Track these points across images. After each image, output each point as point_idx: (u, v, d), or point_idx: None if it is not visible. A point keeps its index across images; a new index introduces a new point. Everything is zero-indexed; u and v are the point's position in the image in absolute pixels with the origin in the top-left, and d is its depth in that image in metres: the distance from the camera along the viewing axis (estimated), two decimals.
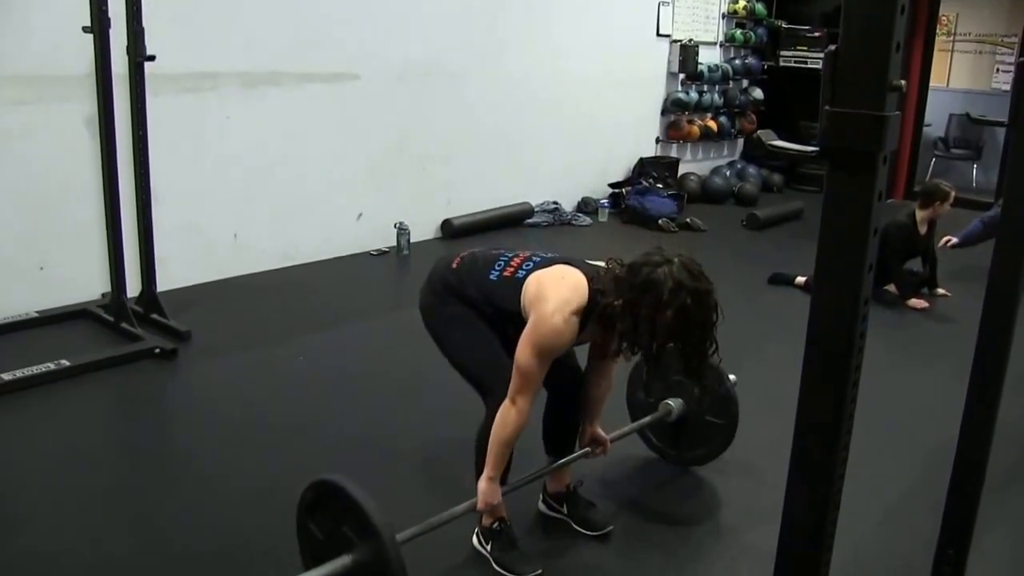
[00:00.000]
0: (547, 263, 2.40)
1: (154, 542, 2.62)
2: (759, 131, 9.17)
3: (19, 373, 3.55)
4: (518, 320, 2.33)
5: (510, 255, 2.48)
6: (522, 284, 2.36)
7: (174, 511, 2.79)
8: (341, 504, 2.04)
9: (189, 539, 2.64)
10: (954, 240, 5.63)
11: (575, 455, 2.69)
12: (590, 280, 2.29)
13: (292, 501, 2.22)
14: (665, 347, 2.21)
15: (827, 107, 1.08)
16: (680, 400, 3.00)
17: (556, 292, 2.26)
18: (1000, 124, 9.63)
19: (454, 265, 2.53)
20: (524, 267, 2.41)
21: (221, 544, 2.63)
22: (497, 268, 2.44)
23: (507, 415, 2.30)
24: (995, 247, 1.75)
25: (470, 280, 2.47)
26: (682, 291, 2.09)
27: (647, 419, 3.01)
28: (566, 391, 2.65)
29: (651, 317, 2.11)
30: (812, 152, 8.81)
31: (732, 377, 2.99)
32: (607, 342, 2.30)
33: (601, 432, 2.70)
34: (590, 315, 2.26)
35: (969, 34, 10.48)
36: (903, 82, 1.04)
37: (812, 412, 1.25)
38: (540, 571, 2.49)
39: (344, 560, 2.01)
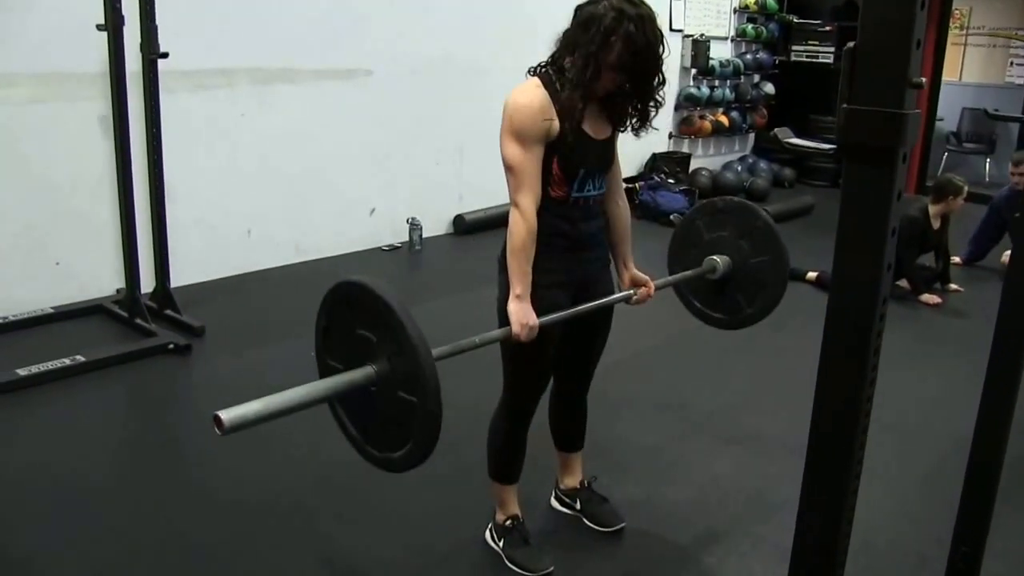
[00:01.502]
0: None
1: (166, 539, 2.63)
2: (776, 129, 9.14)
3: (34, 369, 3.57)
4: None
5: None
6: None
7: (185, 508, 2.80)
8: (354, 304, 1.78)
9: (200, 536, 2.65)
10: (956, 260, 5.83)
11: (617, 297, 2.47)
12: (537, 68, 2.26)
13: (304, 497, 2.22)
14: (622, 91, 2.18)
15: (845, 104, 1.07)
16: (726, 257, 2.70)
17: (512, 90, 2.24)
18: (1017, 120, 9.57)
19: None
20: None
21: (232, 538, 2.64)
22: None
23: (513, 221, 2.21)
24: (1013, 242, 1.74)
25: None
26: (624, 18, 2.06)
27: (690, 272, 2.72)
28: (569, 390, 2.64)
29: (598, 50, 2.08)
30: (829, 150, 8.77)
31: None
32: (563, 96, 2.17)
33: (639, 273, 2.52)
34: (552, 84, 2.20)
35: (983, 27, 10.42)
36: (923, 79, 1.03)
37: (829, 409, 1.25)
38: (552, 568, 2.49)
39: (366, 369, 1.76)
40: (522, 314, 2.18)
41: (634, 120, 2.30)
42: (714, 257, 2.70)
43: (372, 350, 1.77)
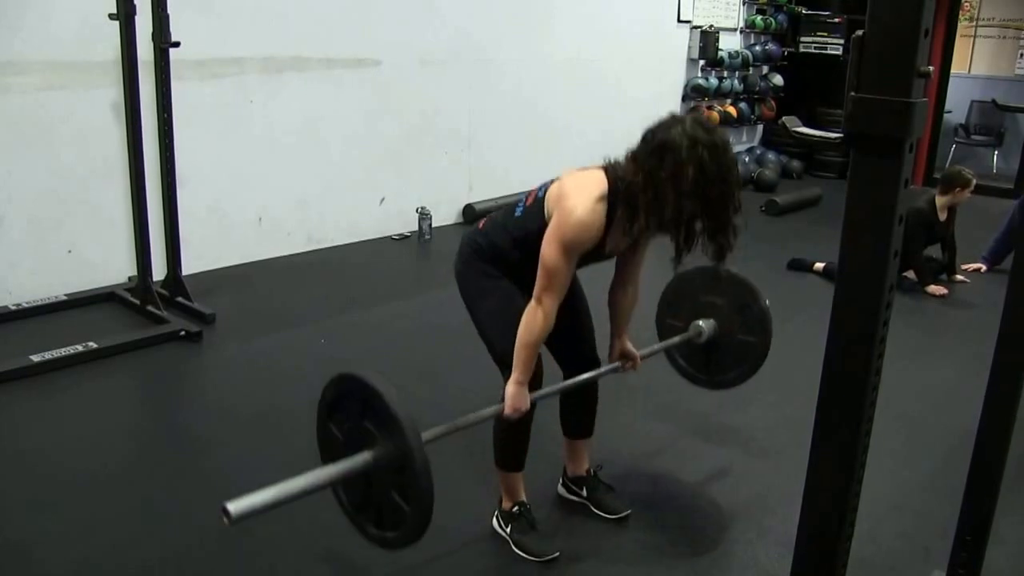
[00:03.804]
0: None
1: (175, 524, 2.65)
2: (784, 117, 9.13)
3: (48, 355, 3.61)
4: None
5: (527, 192, 2.47)
6: (544, 196, 2.34)
7: (195, 493, 2.82)
8: (362, 398, 1.92)
9: (209, 521, 2.66)
10: (984, 268, 5.71)
11: (604, 369, 2.62)
12: (608, 170, 2.26)
13: None
14: (693, 219, 2.15)
15: (853, 93, 1.08)
16: (711, 321, 2.85)
17: (577, 186, 2.24)
18: None
19: (480, 227, 2.51)
20: (543, 186, 2.39)
21: (239, 527, 2.65)
22: (520, 204, 2.43)
23: (533, 317, 2.25)
24: (1019, 234, 1.75)
25: (497, 230, 2.44)
26: (699, 146, 2.05)
27: (676, 338, 2.88)
28: (579, 372, 2.64)
29: (672, 179, 2.07)
30: (837, 139, 8.75)
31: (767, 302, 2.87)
32: (633, 226, 2.22)
33: (631, 346, 2.65)
34: (614, 201, 2.21)
35: (992, 19, 10.36)
36: (930, 67, 1.04)
37: (835, 398, 1.25)
38: (558, 553, 2.51)
39: (364, 456, 1.89)
40: (520, 400, 2.30)
41: (710, 250, 2.21)
42: (700, 323, 2.85)
43: (372, 439, 1.89)
